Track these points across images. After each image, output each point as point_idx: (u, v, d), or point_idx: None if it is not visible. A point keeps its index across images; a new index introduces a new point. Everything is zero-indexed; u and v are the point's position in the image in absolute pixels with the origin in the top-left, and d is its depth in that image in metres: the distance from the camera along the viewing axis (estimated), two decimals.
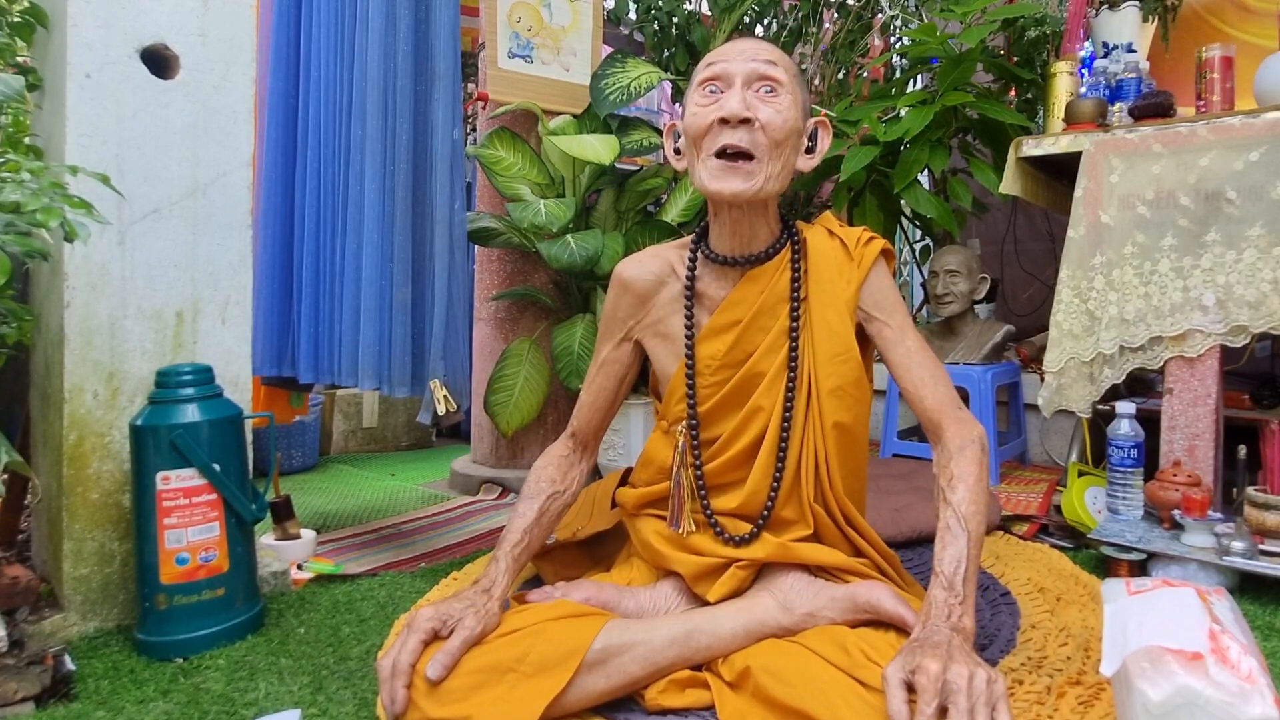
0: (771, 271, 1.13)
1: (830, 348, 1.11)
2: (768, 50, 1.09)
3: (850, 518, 1.13)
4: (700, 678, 0.99)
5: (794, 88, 1.09)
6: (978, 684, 0.77)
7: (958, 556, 0.93)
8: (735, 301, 1.13)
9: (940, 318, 2.33)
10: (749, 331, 1.12)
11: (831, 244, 1.16)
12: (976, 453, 1.03)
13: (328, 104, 1.60)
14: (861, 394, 1.12)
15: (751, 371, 1.12)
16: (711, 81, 1.08)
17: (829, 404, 1.10)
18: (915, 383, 1.11)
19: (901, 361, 1.12)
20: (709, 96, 1.08)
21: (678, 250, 1.21)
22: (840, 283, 1.13)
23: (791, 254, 1.14)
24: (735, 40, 1.12)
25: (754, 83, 1.07)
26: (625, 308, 1.21)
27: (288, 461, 2.54)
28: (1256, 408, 1.92)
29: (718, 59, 1.09)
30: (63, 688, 1.06)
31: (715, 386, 1.14)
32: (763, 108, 1.06)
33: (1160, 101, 1.70)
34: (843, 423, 1.11)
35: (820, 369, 1.11)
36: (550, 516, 1.18)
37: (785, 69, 1.08)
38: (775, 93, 1.07)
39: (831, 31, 2.71)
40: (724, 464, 1.13)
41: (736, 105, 1.04)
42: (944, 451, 1.06)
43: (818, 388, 1.11)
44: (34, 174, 1.01)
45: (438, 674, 0.91)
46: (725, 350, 1.13)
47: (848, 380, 1.11)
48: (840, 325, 1.11)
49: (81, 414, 1.23)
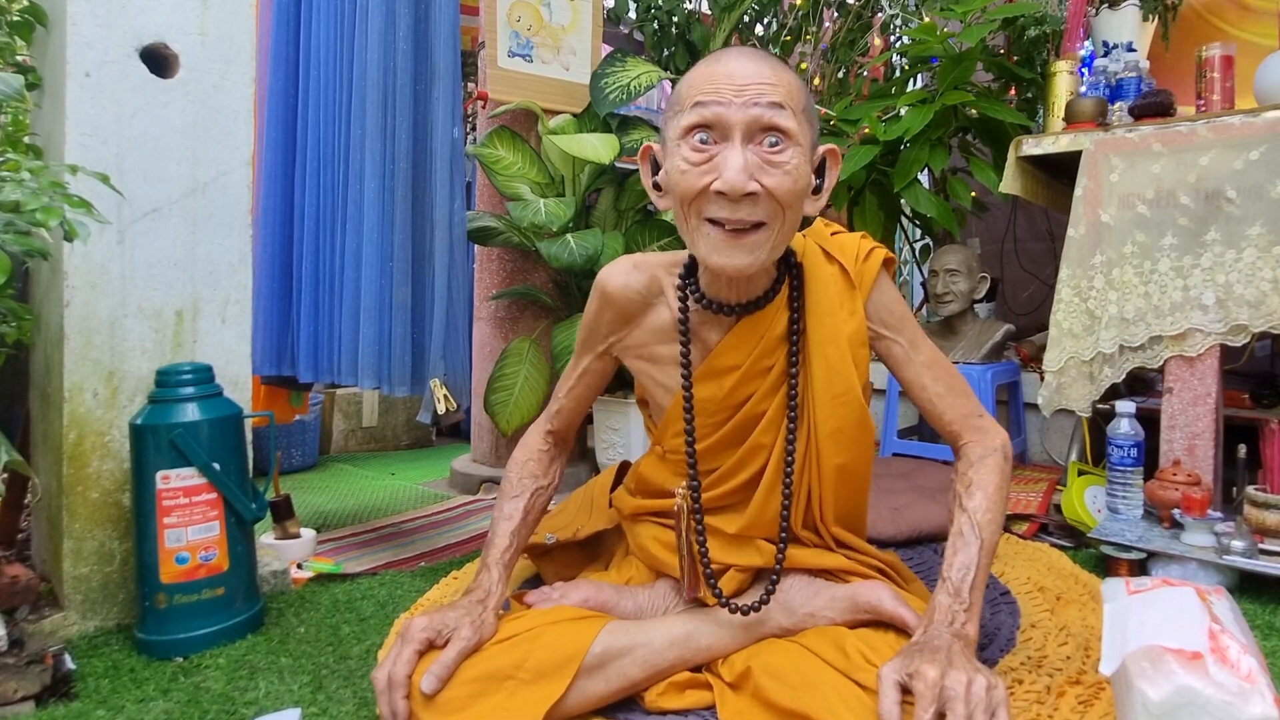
0: (770, 314, 1.04)
1: (830, 389, 1.04)
2: (771, 84, 0.88)
3: (841, 539, 1.11)
4: (700, 679, 0.99)
5: (804, 129, 0.91)
6: (976, 691, 0.76)
7: (967, 564, 0.93)
8: (731, 346, 1.05)
9: (940, 317, 2.33)
10: (748, 375, 1.05)
11: (830, 270, 1.07)
12: (998, 461, 1.02)
13: (327, 103, 1.60)
14: (863, 435, 1.06)
15: (751, 413, 1.06)
16: (702, 129, 0.89)
17: (827, 446, 1.05)
18: (932, 399, 1.07)
19: (915, 379, 1.08)
20: (700, 151, 0.89)
21: (666, 270, 1.10)
22: (842, 314, 1.05)
23: (790, 291, 1.05)
24: (729, 61, 0.91)
25: (756, 135, 0.88)
26: (607, 324, 1.13)
27: (288, 461, 2.54)
28: (1256, 407, 1.92)
29: (709, 97, 0.88)
30: (63, 687, 1.06)
31: (713, 427, 1.08)
32: (769, 173, 0.88)
33: (1160, 101, 1.70)
34: (842, 464, 1.06)
35: (819, 411, 1.04)
36: (535, 513, 1.17)
37: (792, 106, 0.89)
38: (782, 148, 0.88)
39: (831, 31, 2.71)
40: (723, 493, 1.10)
41: (738, 178, 0.86)
42: (965, 461, 1.04)
43: (816, 431, 1.05)
44: (34, 173, 1.01)
45: (433, 687, 0.89)
46: (723, 395, 1.06)
47: (848, 423, 1.04)
48: (840, 363, 1.04)
49: (81, 413, 1.23)
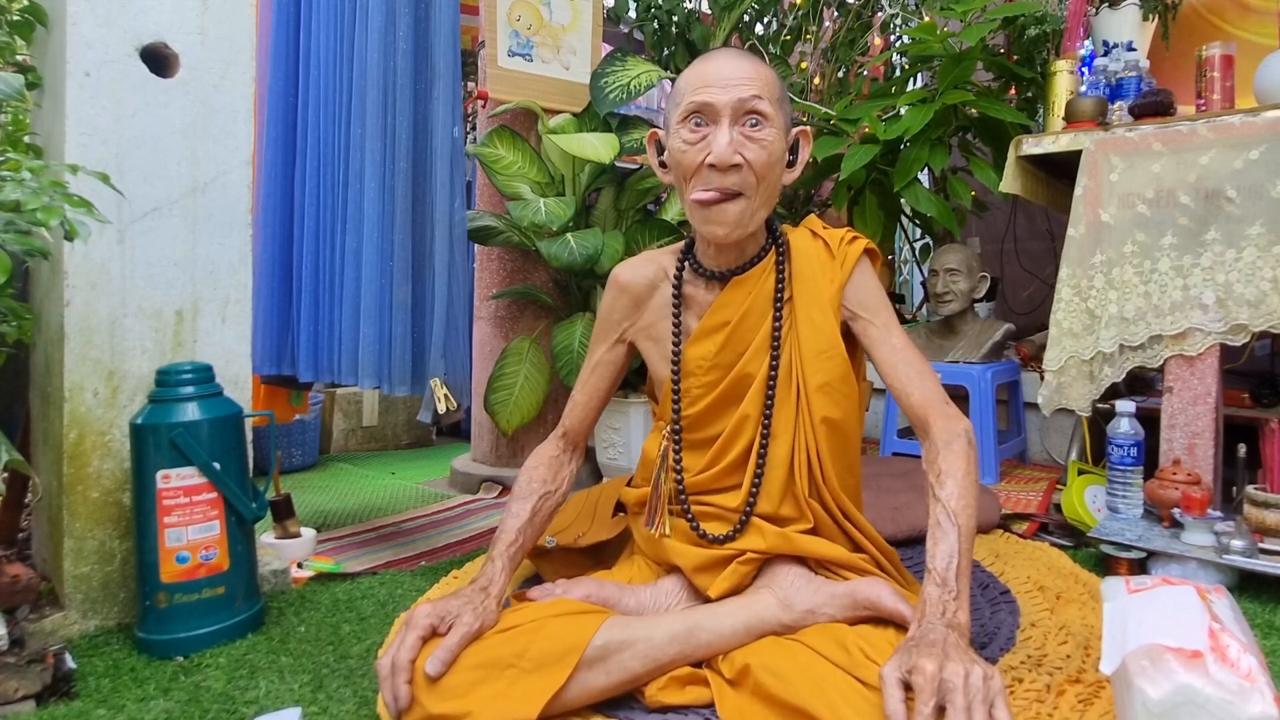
0: (757, 276, 1.16)
1: (815, 345, 1.13)
2: (750, 75, 1.08)
3: (848, 513, 1.14)
4: (700, 675, 0.99)
5: (778, 113, 1.09)
6: (974, 681, 0.77)
7: (949, 552, 0.94)
8: (722, 305, 1.16)
9: (940, 316, 2.33)
10: (737, 332, 1.15)
11: (815, 244, 1.18)
12: (963, 446, 1.04)
13: (327, 102, 1.60)
14: (849, 390, 1.14)
15: (741, 373, 1.15)
16: (696, 114, 1.08)
17: (817, 400, 1.12)
18: (901, 379, 1.12)
19: (887, 359, 1.13)
20: (695, 131, 1.08)
21: (671, 255, 1.24)
22: (824, 281, 1.15)
23: (776, 258, 1.17)
24: (720, 60, 1.10)
25: (740, 117, 1.07)
26: (621, 310, 1.24)
27: (288, 460, 2.54)
28: (1256, 406, 1.92)
29: (701, 87, 1.08)
30: (63, 686, 1.07)
31: (707, 388, 1.16)
32: (750, 147, 1.07)
33: (1160, 100, 1.70)
34: (832, 418, 1.13)
35: (807, 366, 1.13)
36: (543, 516, 1.19)
37: (768, 94, 1.08)
38: (760, 126, 1.07)
39: (831, 30, 2.72)
40: (720, 471, 1.15)
41: (725, 151, 1.05)
42: (931, 447, 1.06)
43: (805, 385, 1.13)
44: (34, 173, 1.01)
45: (436, 670, 0.91)
46: (715, 352, 1.15)
47: (834, 376, 1.13)
48: (824, 322, 1.13)
49: (82, 412, 1.23)
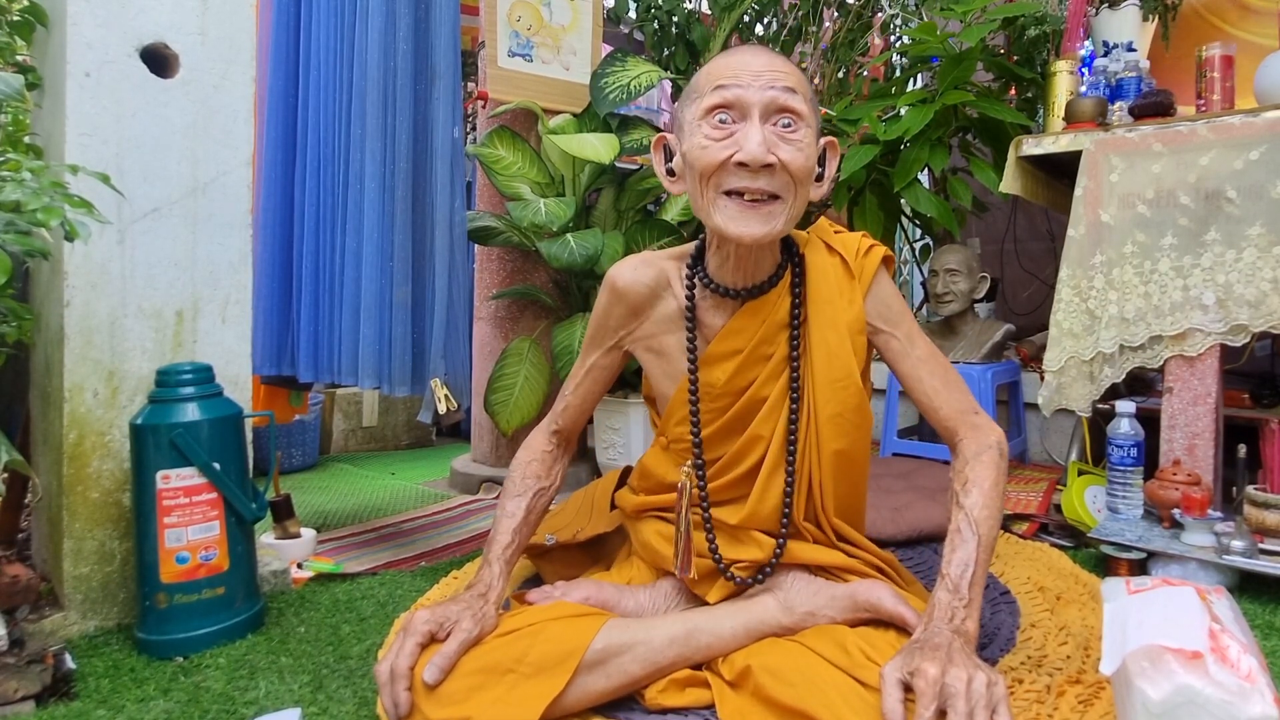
0: (772, 300, 1.09)
1: (830, 373, 1.07)
2: (784, 72, 0.98)
3: (842, 533, 1.12)
4: (700, 677, 0.99)
5: (812, 117, 1.00)
6: (977, 687, 0.77)
7: (966, 560, 0.93)
8: (735, 330, 1.09)
9: (940, 317, 2.33)
10: (750, 360, 1.09)
11: (831, 261, 1.11)
12: (994, 457, 1.02)
13: (327, 103, 1.60)
14: (861, 420, 1.09)
15: (753, 398, 1.09)
16: (722, 109, 0.97)
17: (827, 430, 1.07)
18: (928, 393, 1.09)
19: (911, 373, 1.10)
20: (720, 128, 0.97)
21: (673, 262, 1.15)
22: (841, 303, 1.09)
23: (792, 279, 1.10)
24: (745, 53, 1.00)
25: (772, 115, 0.97)
26: (617, 318, 1.17)
27: (288, 460, 2.54)
28: (1256, 407, 1.92)
29: (729, 80, 0.97)
30: (63, 686, 1.06)
31: (716, 413, 1.11)
32: (784, 147, 0.96)
33: (1160, 100, 1.70)
34: (840, 449, 1.08)
35: (819, 395, 1.07)
36: (537, 513, 1.19)
37: (803, 94, 0.99)
38: (795, 128, 0.97)
39: (831, 30, 2.71)
40: (724, 484, 1.12)
41: (758, 150, 0.94)
42: (960, 458, 1.05)
43: (816, 414, 1.07)
44: (34, 173, 1.01)
45: (435, 677, 0.91)
46: (726, 379, 1.09)
47: (847, 407, 1.07)
48: (840, 348, 1.07)
49: (81, 413, 1.23)
